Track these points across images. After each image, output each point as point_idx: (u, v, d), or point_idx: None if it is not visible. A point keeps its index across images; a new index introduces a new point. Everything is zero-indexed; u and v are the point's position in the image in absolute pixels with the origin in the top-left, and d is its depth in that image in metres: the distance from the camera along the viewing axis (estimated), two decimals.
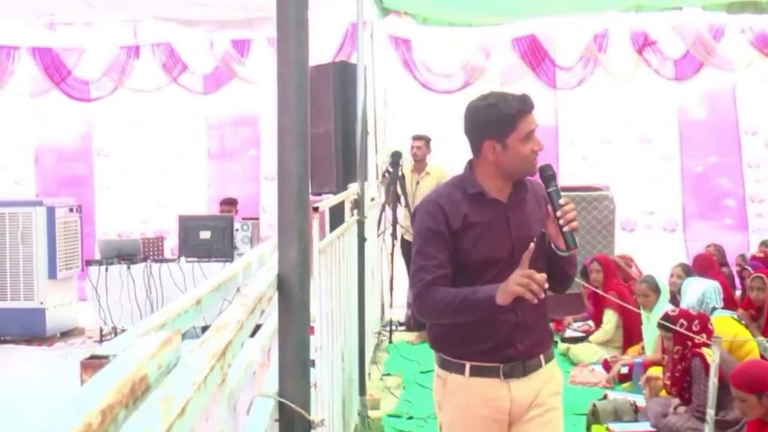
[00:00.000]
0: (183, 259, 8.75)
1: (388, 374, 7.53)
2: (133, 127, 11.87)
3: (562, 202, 2.95)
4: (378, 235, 8.71)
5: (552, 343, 3.28)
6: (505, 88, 8.32)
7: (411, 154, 8.87)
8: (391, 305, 9.25)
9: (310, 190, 5.60)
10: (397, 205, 8.75)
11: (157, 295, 8.55)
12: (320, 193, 6.18)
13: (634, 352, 7.55)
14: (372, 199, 7.89)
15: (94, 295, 8.71)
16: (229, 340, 1.26)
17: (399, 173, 8.59)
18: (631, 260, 9.23)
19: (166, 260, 8.94)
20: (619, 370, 7.13)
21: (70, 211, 9.64)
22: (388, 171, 8.68)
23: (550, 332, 3.35)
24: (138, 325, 1.26)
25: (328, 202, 4.73)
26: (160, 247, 9.29)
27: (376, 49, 9.59)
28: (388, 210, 8.81)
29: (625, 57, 11.33)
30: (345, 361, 5.19)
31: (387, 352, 8.37)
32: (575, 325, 8.67)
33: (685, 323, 5.67)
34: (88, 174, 12.00)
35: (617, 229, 10.00)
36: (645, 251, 10.36)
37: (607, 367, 7.37)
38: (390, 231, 8.83)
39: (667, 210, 11.57)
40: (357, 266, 5.96)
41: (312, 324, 3.69)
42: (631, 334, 7.82)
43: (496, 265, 2.98)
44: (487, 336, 3.00)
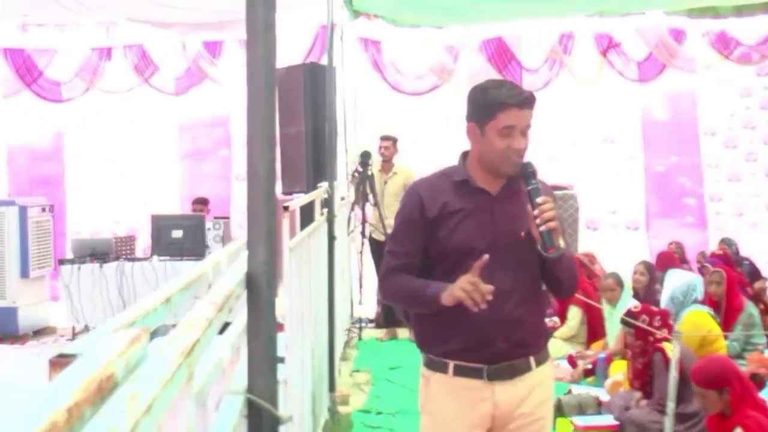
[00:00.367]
0: (155, 258, 8.70)
1: (358, 370, 7.53)
2: (104, 128, 11.78)
3: (540, 201, 2.79)
4: (347, 234, 8.71)
5: (546, 345, 3.08)
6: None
7: (379, 154, 8.88)
8: (361, 302, 9.26)
9: (281, 190, 5.60)
10: (366, 204, 8.75)
11: (129, 294, 8.50)
12: (291, 193, 6.17)
13: (598, 348, 7.61)
14: (342, 199, 7.89)
15: (66, 293, 8.63)
16: (197, 338, 1.25)
17: (368, 173, 8.59)
18: (594, 258, 9.30)
19: (139, 259, 8.89)
20: (584, 366, 7.20)
21: (43, 210, 9.57)
22: (357, 171, 8.68)
23: (544, 332, 3.16)
24: (107, 323, 1.25)
25: (298, 201, 4.72)
26: (132, 246, 9.24)
27: (347, 51, 9.59)
28: (358, 209, 8.81)
29: (590, 59, 11.40)
30: (315, 357, 5.19)
31: (356, 349, 8.38)
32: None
33: (647, 319, 5.74)
34: (60, 174, 11.90)
35: (581, 228, 10.09)
36: (609, 249, 10.44)
37: (572, 362, 7.42)
38: (359, 229, 8.84)
39: (630, 209, 11.68)
40: (327, 264, 5.95)
41: (282, 321, 3.69)
42: (595, 330, 7.88)
43: (472, 254, 2.79)
44: (466, 332, 2.85)
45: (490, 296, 2.69)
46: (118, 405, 0.89)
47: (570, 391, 6.45)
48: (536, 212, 2.76)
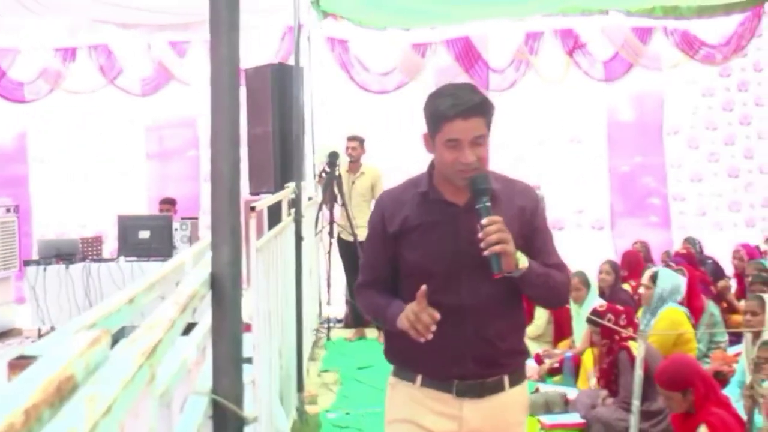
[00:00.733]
0: (122, 259, 8.61)
1: (326, 370, 7.53)
2: (69, 129, 11.68)
3: (485, 222, 2.55)
4: (315, 234, 8.70)
5: (523, 364, 2.90)
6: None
7: (346, 154, 8.87)
8: (329, 303, 9.24)
9: (248, 190, 5.58)
10: (334, 205, 8.74)
11: (96, 295, 8.40)
12: (258, 193, 6.16)
13: (564, 346, 7.65)
14: (309, 199, 7.87)
15: (32, 295, 8.53)
16: (159, 339, 1.24)
17: (336, 173, 8.59)
18: None
19: (105, 260, 8.80)
20: (551, 365, 7.23)
21: (8, 211, 9.46)
22: (325, 171, 8.68)
23: (520, 351, 2.87)
24: (68, 325, 1.24)
25: (265, 201, 4.71)
26: (99, 247, 9.15)
27: (314, 52, 9.57)
28: (326, 209, 8.80)
29: (556, 59, 11.46)
30: (283, 358, 5.18)
31: (325, 349, 8.37)
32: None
33: (613, 318, 5.78)
34: (24, 175, 11.77)
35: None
36: (574, 249, 10.50)
37: (540, 361, 7.45)
38: (327, 230, 8.83)
39: (596, 209, 11.77)
40: (294, 264, 5.94)
41: (249, 322, 3.67)
42: (561, 329, 7.93)
43: (434, 271, 2.67)
44: (436, 351, 2.65)
45: (434, 327, 2.54)
46: (78, 406, 0.88)
47: (537, 390, 6.49)
48: (480, 235, 2.55)
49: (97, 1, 8.98)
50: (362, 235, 6.49)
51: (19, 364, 1.05)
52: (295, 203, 5.92)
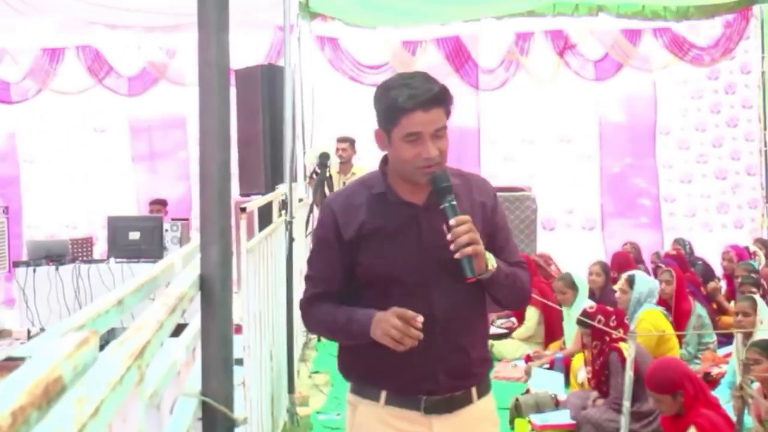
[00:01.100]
0: (112, 260, 8.58)
1: (317, 372, 7.51)
2: (58, 130, 11.63)
3: (453, 223, 2.37)
4: (306, 235, 8.67)
5: (488, 374, 2.69)
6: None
7: (337, 155, 8.86)
8: None
9: (238, 191, 5.57)
10: None
11: (86, 296, 8.37)
12: (249, 194, 6.15)
13: (555, 347, 7.67)
14: (300, 200, 7.86)
15: (21, 296, 8.49)
16: (148, 340, 1.24)
17: (327, 174, 8.57)
18: (550, 259, 9.37)
19: (95, 261, 8.77)
20: (541, 365, 7.24)
21: None
22: (315, 172, 8.66)
23: (487, 360, 2.70)
24: (56, 326, 1.24)
25: (255, 202, 4.71)
26: (89, 248, 9.12)
27: (304, 52, 9.56)
28: (317, 210, 8.78)
29: (547, 59, 11.50)
30: (273, 359, 5.17)
31: (315, 350, 8.35)
32: (499, 322, 8.77)
33: (603, 319, 5.78)
34: (14, 176, 11.72)
35: (538, 228, 10.16)
36: (565, 249, 10.53)
37: (530, 361, 7.47)
38: None
39: (586, 209, 11.78)
40: (285, 266, 5.93)
41: (240, 323, 3.67)
42: (552, 330, 7.94)
43: (400, 280, 2.47)
44: (407, 363, 2.44)
45: (420, 335, 2.35)
46: (65, 408, 0.88)
47: (528, 391, 6.49)
48: (449, 236, 2.36)
49: (85, 2, 8.96)
50: None
51: (6, 365, 1.04)
52: (286, 204, 5.92)
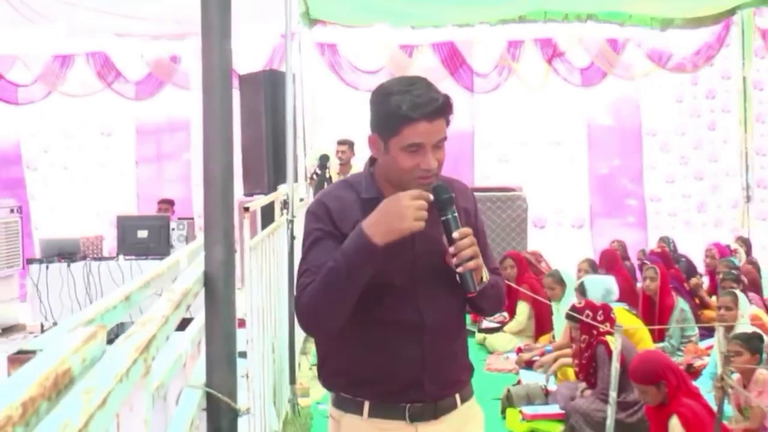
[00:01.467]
0: (121, 257, 8.61)
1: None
2: (66, 132, 11.61)
3: (457, 236, 2.19)
4: None
5: (470, 379, 2.52)
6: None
7: (336, 157, 8.88)
8: None
9: (242, 191, 5.56)
10: None
11: (96, 292, 8.40)
12: (252, 194, 6.14)
13: (545, 341, 7.67)
14: (301, 200, 7.86)
15: (35, 292, 8.52)
16: (153, 334, 1.24)
17: (326, 175, 8.59)
18: (540, 256, 9.39)
19: (105, 258, 8.79)
20: (531, 358, 7.25)
21: (11, 211, 9.46)
22: (316, 173, 8.68)
23: (469, 367, 2.52)
24: (66, 321, 1.24)
25: (258, 202, 4.70)
26: (99, 246, 9.15)
27: (305, 57, 9.56)
28: None
29: (536, 66, 11.52)
30: (276, 352, 5.17)
31: (315, 344, 8.34)
32: (491, 317, 8.77)
33: (590, 314, 5.78)
34: (21, 177, 11.68)
35: (529, 226, 10.18)
36: (555, 247, 10.55)
37: (520, 352, 7.48)
38: None
39: (575, 208, 11.80)
40: (287, 263, 5.92)
41: (243, 318, 3.67)
42: (542, 324, 7.95)
43: (392, 286, 2.28)
44: (388, 375, 2.31)
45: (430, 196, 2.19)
46: (74, 400, 0.88)
47: (519, 382, 6.50)
48: (452, 249, 2.19)
49: (94, 10, 8.96)
50: None
51: (19, 358, 1.05)
52: (288, 204, 5.91)
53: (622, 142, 11.94)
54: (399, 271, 2.28)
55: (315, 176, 8.70)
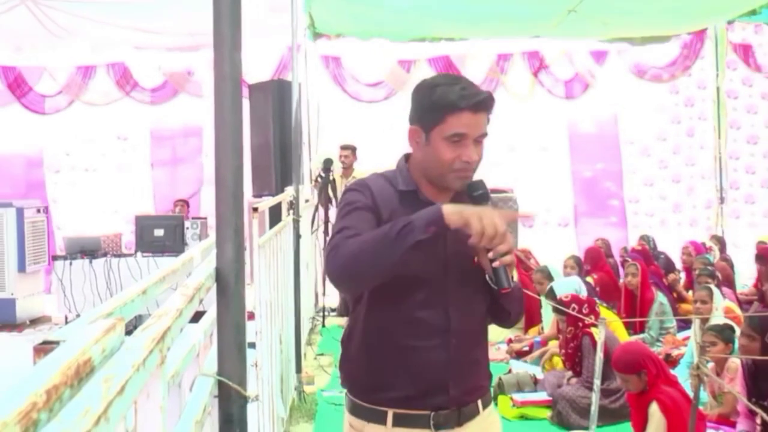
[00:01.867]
0: (139, 254, 8.65)
1: (321, 354, 7.51)
2: (87, 138, 11.61)
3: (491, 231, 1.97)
4: (312, 233, 8.67)
5: (489, 386, 2.37)
6: None
7: (339, 161, 8.88)
8: (324, 293, 9.23)
9: (251, 193, 5.55)
10: (329, 206, 8.74)
11: (116, 286, 8.44)
12: (260, 195, 6.14)
13: (534, 332, 7.67)
14: (306, 201, 7.86)
15: (59, 286, 8.56)
16: (168, 326, 1.24)
17: (330, 178, 8.58)
18: (530, 253, 9.39)
19: (124, 255, 8.82)
20: (521, 348, 7.26)
21: (38, 211, 9.54)
22: (320, 176, 8.66)
23: (489, 374, 2.36)
24: (88, 314, 1.24)
25: (266, 203, 4.70)
26: (118, 244, 9.22)
27: (310, 68, 9.56)
28: (321, 210, 8.79)
29: (523, 78, 11.58)
30: (283, 343, 5.16)
31: (320, 335, 8.35)
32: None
33: (576, 307, 5.79)
34: (43, 180, 11.68)
35: (519, 226, 10.19)
36: (543, 244, 10.55)
37: (511, 342, 7.49)
38: (322, 229, 8.81)
39: (561, 208, 11.84)
40: (293, 259, 5.93)
41: (252, 311, 3.66)
42: (531, 317, 7.93)
43: (423, 282, 2.12)
44: (414, 378, 2.14)
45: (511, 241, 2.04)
46: (95, 387, 0.88)
47: (510, 371, 6.50)
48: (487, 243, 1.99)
49: (114, 26, 8.97)
50: None
51: (43, 348, 1.05)
52: (294, 205, 5.91)
53: (603, 149, 12.01)
54: (433, 267, 2.12)
55: (319, 179, 8.69)
